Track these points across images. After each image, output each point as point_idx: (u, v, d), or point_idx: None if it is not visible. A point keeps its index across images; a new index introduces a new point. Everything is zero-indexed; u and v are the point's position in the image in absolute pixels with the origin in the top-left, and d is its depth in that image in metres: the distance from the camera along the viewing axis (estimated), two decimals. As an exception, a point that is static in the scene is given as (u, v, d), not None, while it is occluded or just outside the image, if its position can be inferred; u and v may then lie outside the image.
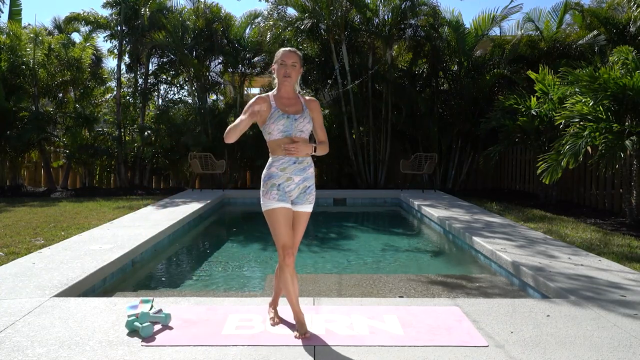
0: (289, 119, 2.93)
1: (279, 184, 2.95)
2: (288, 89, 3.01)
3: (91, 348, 2.69)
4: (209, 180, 13.16)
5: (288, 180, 2.95)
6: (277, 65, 2.98)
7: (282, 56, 2.96)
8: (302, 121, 2.96)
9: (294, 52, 2.98)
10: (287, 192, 2.96)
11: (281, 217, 2.91)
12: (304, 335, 2.85)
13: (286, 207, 2.93)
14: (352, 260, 5.78)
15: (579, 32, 12.02)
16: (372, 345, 2.77)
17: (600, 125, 6.93)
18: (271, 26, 12.23)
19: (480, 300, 3.66)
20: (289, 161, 2.94)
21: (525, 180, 11.79)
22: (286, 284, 2.91)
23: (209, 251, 6.51)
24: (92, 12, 13.56)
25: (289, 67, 2.95)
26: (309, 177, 3.02)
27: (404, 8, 12.06)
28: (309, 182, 3.02)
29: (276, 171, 2.96)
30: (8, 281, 3.88)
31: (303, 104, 3.03)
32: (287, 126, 2.92)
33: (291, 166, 2.94)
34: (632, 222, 7.30)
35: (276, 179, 2.95)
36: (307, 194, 3.02)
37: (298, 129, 2.95)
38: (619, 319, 3.19)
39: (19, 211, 8.33)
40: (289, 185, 2.96)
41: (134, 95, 13.93)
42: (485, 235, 5.88)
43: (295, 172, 2.95)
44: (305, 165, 2.99)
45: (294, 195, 2.99)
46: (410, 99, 12.39)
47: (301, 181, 2.98)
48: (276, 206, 2.92)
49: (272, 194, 2.94)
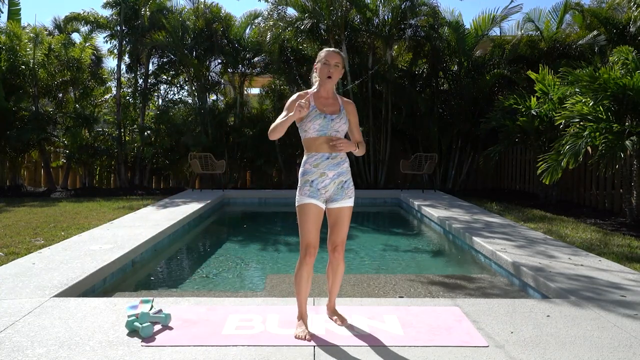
0: (325, 118, 2.95)
1: (312, 180, 2.96)
2: (328, 89, 3.04)
3: (91, 348, 2.69)
4: (209, 181, 13.16)
5: (322, 176, 2.95)
6: (320, 64, 3.00)
7: (326, 56, 2.98)
8: (339, 122, 2.98)
9: (338, 52, 3.02)
10: (320, 188, 2.96)
11: (310, 213, 2.92)
12: (306, 337, 2.85)
13: (317, 205, 2.94)
14: (352, 260, 5.78)
15: (579, 32, 12.03)
16: (372, 345, 2.77)
17: (600, 125, 6.93)
18: (271, 26, 12.23)
19: (480, 300, 3.66)
20: (322, 157, 2.96)
21: (525, 180, 11.79)
22: (300, 281, 2.92)
23: (209, 251, 6.51)
24: (92, 12, 13.57)
25: (332, 67, 2.97)
26: (344, 171, 3.03)
27: (404, 8, 12.07)
28: (345, 176, 3.03)
29: (310, 167, 2.97)
30: (8, 281, 3.88)
31: (341, 105, 3.05)
32: (323, 126, 2.95)
33: (324, 162, 2.95)
34: (632, 222, 7.30)
35: (310, 175, 2.97)
36: (344, 188, 3.03)
37: (334, 129, 2.97)
38: (619, 319, 3.19)
39: (19, 211, 8.33)
40: (323, 181, 2.96)
41: (134, 96, 13.93)
42: (485, 236, 5.88)
43: (329, 167, 2.96)
44: (339, 160, 3.00)
45: (330, 190, 2.99)
46: (410, 99, 12.39)
47: (336, 176, 2.99)
48: (306, 202, 2.93)
49: (305, 190, 2.96)
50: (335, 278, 3.12)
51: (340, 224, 3.04)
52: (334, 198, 3.02)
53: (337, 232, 3.05)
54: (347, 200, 3.04)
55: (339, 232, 3.05)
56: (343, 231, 3.06)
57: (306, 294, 2.96)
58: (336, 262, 3.08)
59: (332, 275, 3.12)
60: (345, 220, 3.05)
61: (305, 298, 2.97)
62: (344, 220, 3.05)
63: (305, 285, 2.93)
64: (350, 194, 3.06)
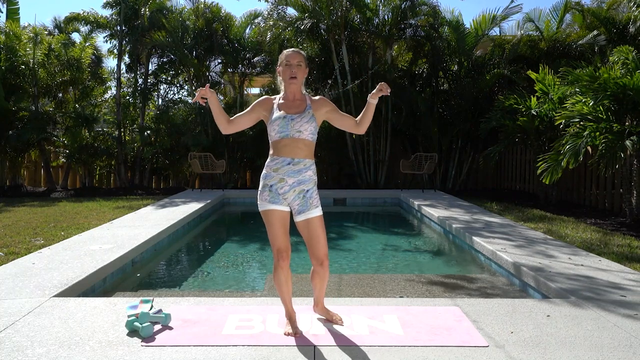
0: (285, 119, 2.88)
1: (271, 185, 2.90)
2: (294, 91, 2.97)
3: (91, 348, 2.69)
4: (209, 180, 13.16)
5: (281, 182, 2.87)
6: (282, 67, 2.95)
7: (287, 57, 2.93)
8: (300, 121, 2.88)
9: (298, 52, 2.96)
10: (280, 194, 2.88)
11: (273, 219, 2.87)
12: (294, 334, 2.86)
13: (279, 209, 2.87)
14: (352, 260, 5.78)
15: (579, 32, 12.02)
16: (372, 345, 2.77)
17: (600, 125, 6.93)
18: (271, 26, 12.23)
19: (480, 300, 3.66)
20: (284, 162, 2.87)
21: (525, 180, 11.79)
22: (280, 285, 2.92)
23: (209, 251, 6.51)
24: (92, 12, 13.57)
25: (295, 67, 2.91)
26: (306, 180, 2.90)
27: (404, 8, 12.06)
28: (306, 185, 2.90)
29: (270, 171, 2.92)
30: (8, 281, 3.88)
31: (308, 104, 2.97)
32: (282, 126, 2.88)
33: (284, 167, 2.87)
34: (632, 222, 7.30)
35: (269, 179, 2.92)
36: (307, 198, 2.90)
37: (295, 128, 2.88)
38: (619, 319, 3.19)
39: (19, 211, 8.33)
40: (282, 187, 2.87)
41: (133, 95, 13.93)
42: (485, 235, 5.88)
43: (289, 173, 2.87)
44: (301, 167, 2.88)
45: (289, 198, 2.89)
46: (410, 99, 12.39)
47: (296, 184, 2.88)
48: (268, 208, 2.89)
49: (264, 195, 2.91)
50: (322, 285, 3.06)
51: (315, 237, 2.90)
52: (299, 210, 2.90)
53: (315, 246, 2.91)
54: (314, 210, 2.90)
55: (318, 246, 2.91)
56: (321, 244, 2.92)
57: (289, 293, 2.95)
58: (323, 272, 2.99)
59: (319, 282, 3.04)
60: (318, 231, 2.90)
61: (289, 298, 2.96)
62: (317, 231, 2.90)
63: (285, 287, 2.91)
64: (315, 203, 2.92)
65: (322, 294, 3.12)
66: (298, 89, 2.98)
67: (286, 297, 2.95)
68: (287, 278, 2.90)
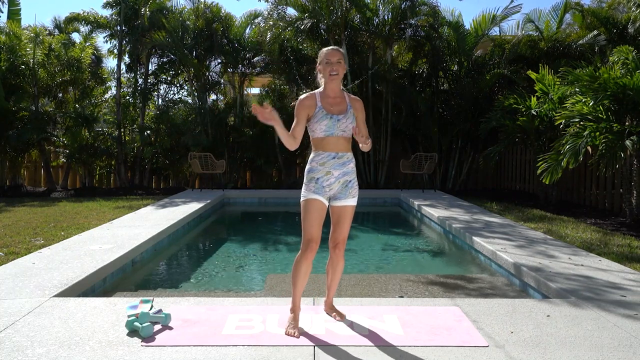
0: (332, 119, 2.98)
1: (318, 178, 3.00)
2: (334, 87, 3.06)
3: (91, 348, 2.69)
4: (209, 180, 13.16)
5: (327, 175, 3.00)
6: (322, 65, 3.03)
7: (327, 55, 3.01)
8: (345, 121, 3.01)
9: (337, 49, 3.05)
10: (325, 186, 3.00)
11: (314, 209, 2.96)
12: (293, 334, 2.87)
13: (321, 201, 2.99)
14: (352, 260, 5.77)
15: (579, 32, 12.03)
16: (372, 345, 2.77)
17: (600, 125, 6.93)
18: (271, 26, 12.22)
19: (480, 300, 3.66)
20: (329, 156, 3.00)
21: (525, 180, 11.79)
22: (298, 274, 2.97)
23: (209, 251, 6.51)
24: (92, 12, 13.56)
25: (335, 64, 2.99)
26: (349, 171, 3.06)
27: (404, 8, 12.06)
28: (350, 176, 3.06)
29: (316, 165, 3.02)
30: (8, 281, 3.88)
31: (348, 103, 3.07)
32: (329, 126, 2.99)
33: (330, 161, 3.00)
34: (632, 222, 7.30)
35: (316, 172, 3.01)
36: (349, 187, 3.06)
37: (340, 129, 3.00)
38: (619, 319, 3.19)
39: (19, 211, 8.33)
40: (328, 179, 3.00)
41: (134, 95, 13.92)
42: (485, 235, 5.88)
43: (335, 166, 3.00)
44: (345, 160, 3.03)
45: (334, 188, 3.02)
46: (410, 99, 12.39)
47: (341, 175, 3.02)
48: (311, 197, 2.98)
49: (310, 186, 3.01)
50: (335, 274, 3.18)
51: (342, 222, 3.09)
52: (338, 196, 3.06)
53: (339, 229, 3.10)
54: (351, 199, 3.08)
55: (341, 230, 3.10)
56: (345, 229, 3.10)
57: (302, 287, 3.00)
58: (336, 259, 3.15)
59: (331, 271, 3.19)
60: (347, 218, 3.09)
61: (300, 292, 3.01)
62: (346, 218, 3.09)
63: (302, 279, 2.98)
64: (354, 194, 3.09)
65: (332, 286, 3.22)
66: (338, 86, 3.08)
67: (298, 291, 3.00)
68: (307, 270, 2.97)
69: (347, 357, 2.63)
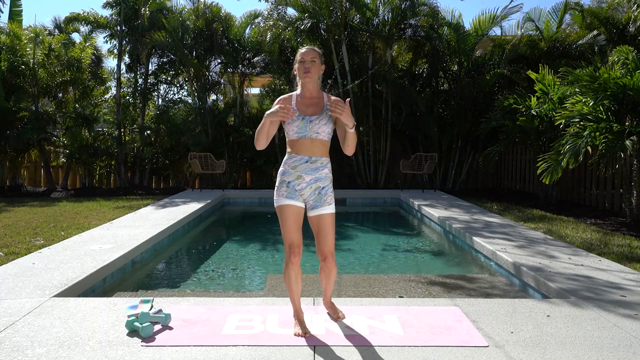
0: (303, 120, 2.92)
1: (289, 182, 2.94)
2: (310, 87, 3.00)
3: (91, 348, 2.69)
4: (209, 180, 13.16)
5: (298, 179, 2.93)
6: (297, 64, 2.99)
7: (301, 54, 2.98)
8: (318, 123, 2.92)
9: (312, 48, 3.01)
10: (297, 190, 2.93)
11: (288, 214, 2.91)
12: (304, 334, 2.86)
13: (295, 205, 2.92)
14: (352, 260, 5.78)
15: (579, 32, 12.02)
16: (372, 345, 2.77)
17: (600, 125, 6.93)
18: (271, 26, 12.23)
19: (480, 300, 3.66)
20: (301, 160, 2.93)
21: (525, 180, 11.79)
22: (290, 281, 2.94)
23: (209, 251, 6.51)
24: (92, 12, 13.58)
25: (308, 62, 2.95)
26: (322, 177, 2.96)
27: (403, 8, 12.07)
28: (322, 182, 2.96)
29: (288, 168, 2.96)
30: (8, 281, 3.88)
31: (325, 104, 2.98)
32: (301, 128, 2.91)
33: (302, 165, 2.92)
34: (632, 222, 7.30)
35: (287, 176, 2.96)
36: (322, 195, 2.95)
37: (314, 130, 2.92)
38: (619, 319, 3.19)
39: (19, 211, 8.33)
40: (299, 184, 2.93)
41: (133, 95, 13.93)
42: (485, 236, 5.88)
43: (306, 171, 2.92)
44: (318, 165, 2.94)
45: (306, 194, 2.94)
46: (410, 99, 12.39)
47: (313, 181, 2.93)
48: (284, 203, 2.93)
49: (282, 191, 2.95)
50: (329, 280, 3.14)
51: (324, 233, 2.96)
52: (313, 205, 2.96)
53: (323, 242, 2.98)
54: (327, 207, 2.96)
55: (325, 242, 2.97)
56: (329, 240, 2.98)
57: (298, 292, 2.97)
58: (328, 268, 3.06)
59: (325, 279, 3.13)
60: (328, 228, 2.97)
61: (298, 296, 2.98)
62: (327, 228, 2.96)
63: (295, 285, 2.94)
64: (329, 201, 2.97)
65: (328, 289, 3.18)
66: (314, 86, 3.01)
67: (295, 296, 2.96)
68: (297, 275, 2.92)
69: (347, 357, 2.63)
